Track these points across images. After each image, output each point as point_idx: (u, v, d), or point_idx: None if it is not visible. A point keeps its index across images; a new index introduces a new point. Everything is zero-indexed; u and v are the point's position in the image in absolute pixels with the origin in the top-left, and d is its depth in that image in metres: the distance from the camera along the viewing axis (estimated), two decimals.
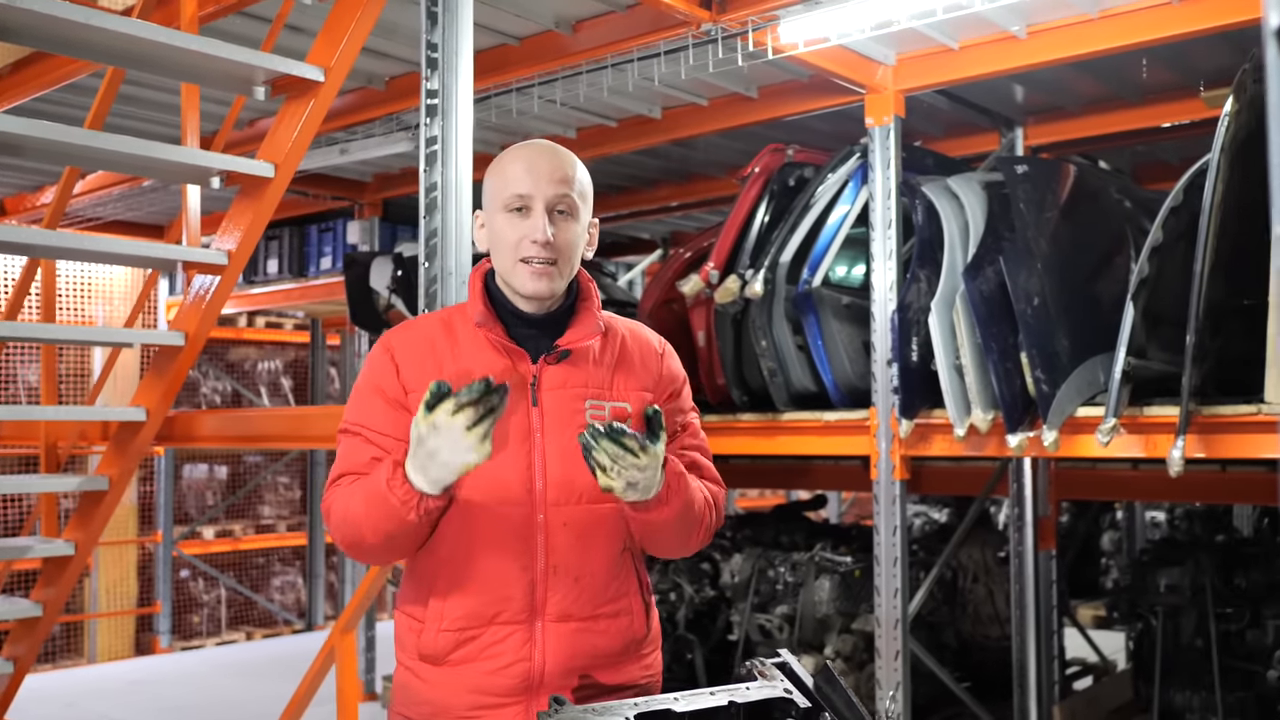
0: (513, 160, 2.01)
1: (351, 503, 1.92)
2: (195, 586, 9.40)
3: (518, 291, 2.00)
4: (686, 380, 2.18)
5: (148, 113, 5.17)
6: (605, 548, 2.02)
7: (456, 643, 1.97)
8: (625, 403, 2.03)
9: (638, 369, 2.07)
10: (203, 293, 3.43)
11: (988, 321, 4.04)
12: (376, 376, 2.01)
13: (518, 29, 4.29)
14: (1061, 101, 5.21)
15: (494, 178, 2.02)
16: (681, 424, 2.14)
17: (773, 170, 4.87)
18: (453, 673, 1.97)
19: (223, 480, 9.85)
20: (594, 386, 2.02)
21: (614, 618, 2.03)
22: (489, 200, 2.02)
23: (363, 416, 2.00)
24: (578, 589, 1.99)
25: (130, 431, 3.59)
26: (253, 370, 10.07)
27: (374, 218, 6.74)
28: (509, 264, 1.98)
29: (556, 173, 1.98)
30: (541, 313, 2.03)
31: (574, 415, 1.98)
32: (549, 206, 1.96)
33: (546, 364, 2.00)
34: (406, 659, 2.04)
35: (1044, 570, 5.35)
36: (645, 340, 2.14)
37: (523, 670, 1.96)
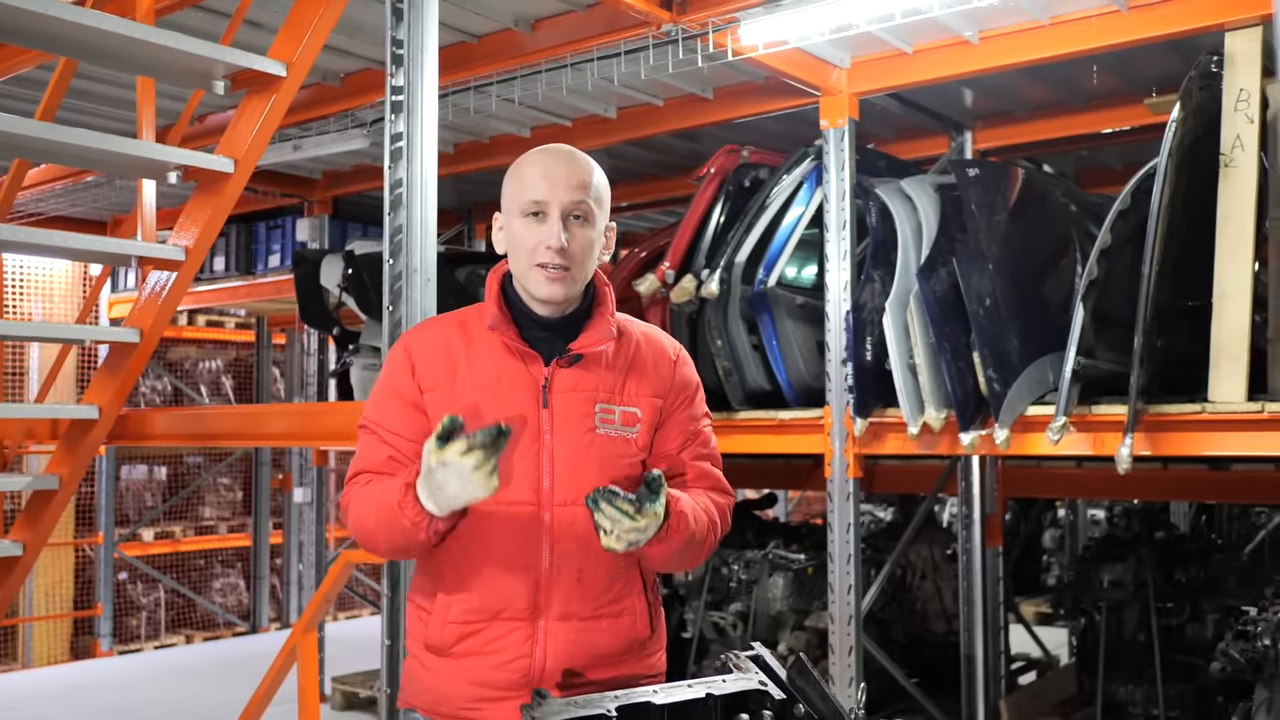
0: (530, 166, 2.03)
1: (365, 509, 1.99)
2: (134, 589, 9.24)
3: (533, 295, 2.03)
4: (700, 387, 2.20)
5: (98, 107, 5.08)
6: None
7: (460, 635, 2.02)
8: (636, 407, 2.06)
9: (650, 374, 2.09)
10: (159, 289, 3.38)
11: (941, 321, 4.11)
12: (394, 376, 2.06)
13: (477, 26, 4.28)
14: (1010, 106, 5.31)
15: (512, 182, 2.04)
16: (693, 432, 2.15)
17: (728, 171, 4.90)
18: (456, 664, 2.02)
19: (162, 481, 9.68)
20: (605, 391, 2.05)
21: (616, 617, 2.06)
22: (507, 204, 2.04)
23: (379, 415, 2.05)
24: (581, 588, 2.02)
25: (82, 430, 3.52)
26: (193, 369, 9.91)
27: (324, 215, 6.67)
28: (525, 268, 2.01)
29: (573, 179, 2.00)
30: (556, 316, 2.05)
31: (584, 419, 2.02)
32: (565, 213, 1.98)
33: (559, 367, 2.03)
34: (414, 648, 2.10)
35: (991, 567, 5.45)
36: (659, 346, 2.15)
37: (524, 666, 2.00)
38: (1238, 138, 3.80)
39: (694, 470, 2.15)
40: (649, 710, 1.82)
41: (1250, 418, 3.60)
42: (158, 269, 3.38)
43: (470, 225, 7.35)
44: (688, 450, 2.14)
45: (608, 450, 2.03)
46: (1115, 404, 3.83)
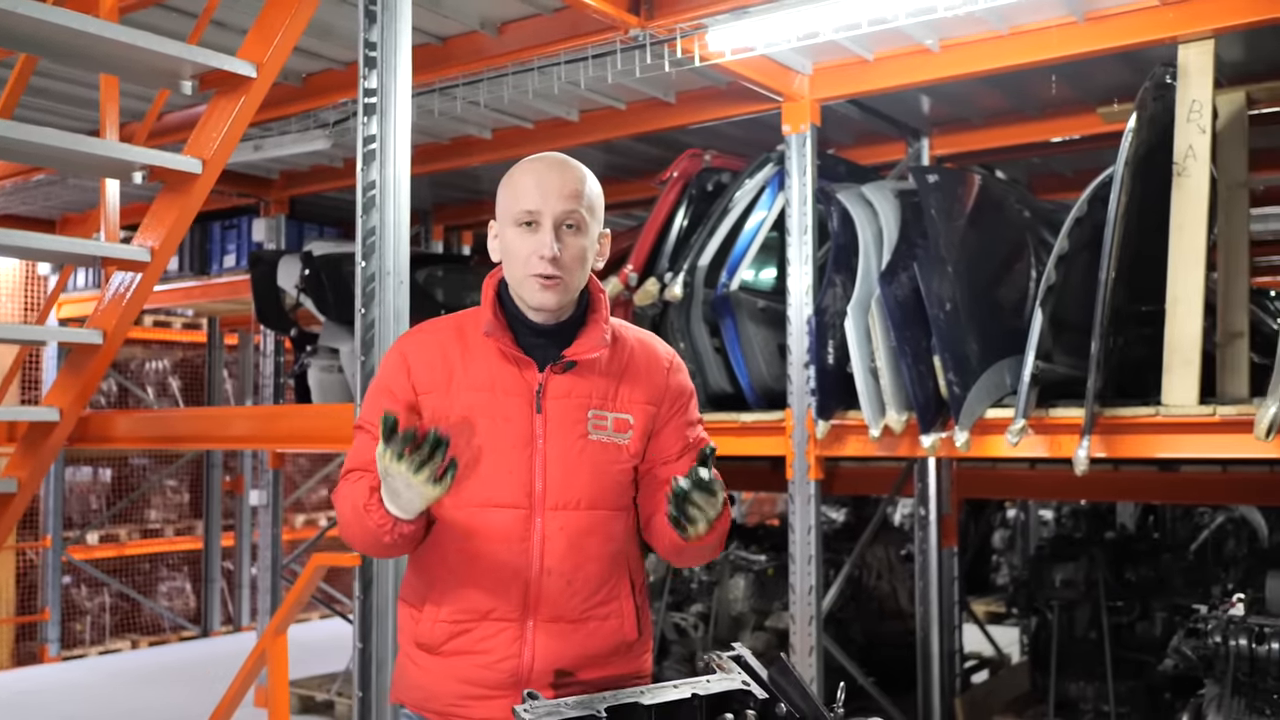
0: (523, 175, 2.05)
1: (344, 507, 2.03)
2: (78, 593, 9.08)
3: (527, 303, 2.05)
4: (694, 394, 2.23)
5: (57, 105, 4.99)
6: (599, 552, 2.08)
7: (450, 634, 2.05)
8: (628, 414, 2.10)
9: (643, 381, 2.12)
10: (123, 290, 3.35)
11: (902, 325, 4.18)
12: (389, 377, 2.09)
13: (442, 28, 4.28)
14: (966, 114, 5.40)
15: (505, 191, 2.07)
16: (693, 436, 2.18)
17: (691, 175, 4.94)
18: (445, 662, 2.06)
19: (107, 483, 9.53)
20: (598, 397, 2.08)
21: (604, 619, 2.09)
22: (501, 213, 2.07)
23: (372, 415, 2.05)
24: (570, 591, 2.05)
25: (42, 432, 3.48)
26: (139, 370, 9.76)
27: (280, 215, 6.61)
28: (519, 277, 2.03)
29: (566, 188, 2.02)
30: (551, 323, 2.08)
31: (576, 425, 2.05)
32: (557, 222, 2.00)
33: (553, 373, 2.06)
34: (405, 645, 2.13)
35: (946, 567, 5.53)
36: (653, 352, 2.18)
37: (512, 666, 2.04)
38: (1190, 148, 3.90)
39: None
40: (637, 711, 1.85)
41: (1202, 421, 3.70)
42: (122, 270, 3.34)
43: (428, 227, 7.32)
44: (686, 458, 2.17)
45: (600, 456, 2.07)
46: (1072, 407, 3.91)
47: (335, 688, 6.25)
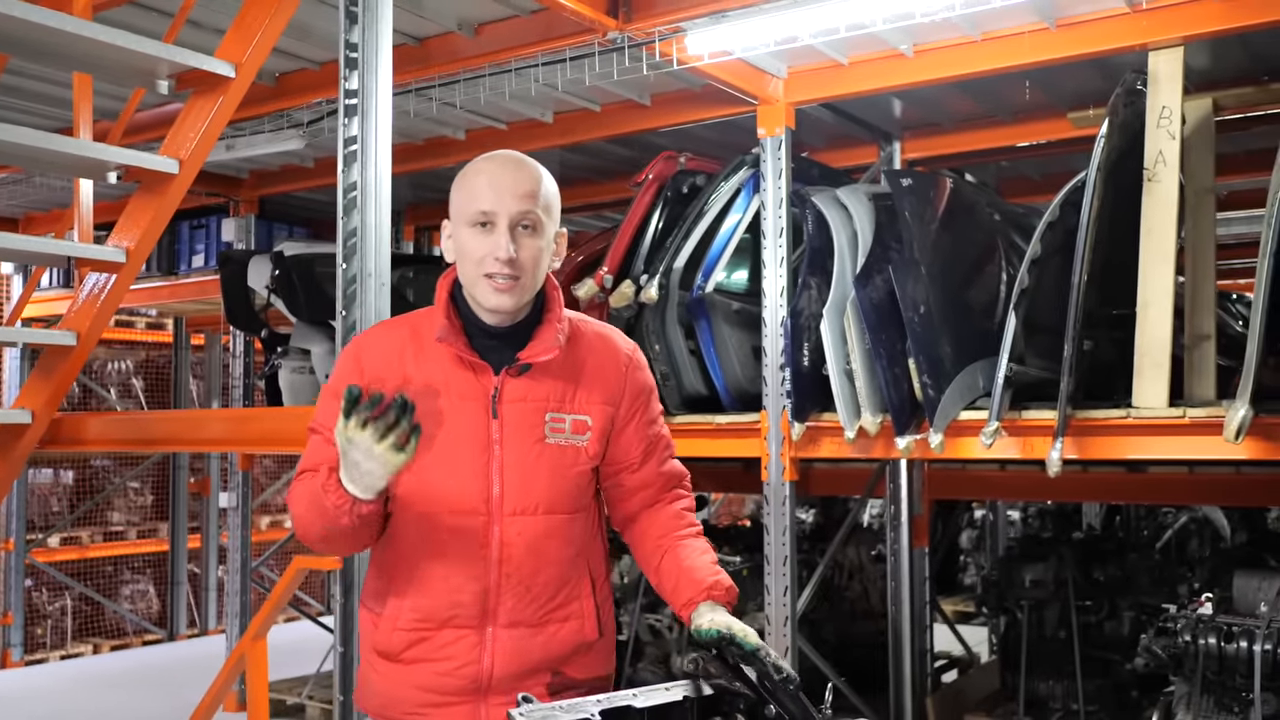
0: (477, 174, 2.01)
1: (301, 500, 1.98)
2: (39, 597, 8.96)
3: (481, 305, 2.02)
4: (654, 389, 2.22)
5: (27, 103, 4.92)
6: (558, 555, 2.07)
7: (409, 642, 2.03)
8: (586, 415, 2.07)
9: (600, 381, 2.10)
10: (97, 291, 3.32)
11: (877, 328, 4.20)
12: (343, 379, 2.02)
13: (419, 29, 4.26)
14: (937, 117, 5.44)
15: (459, 191, 2.02)
16: (653, 436, 2.18)
17: (666, 177, 4.95)
18: (405, 670, 2.04)
19: (69, 485, 9.41)
20: (555, 400, 2.05)
21: (564, 622, 2.08)
22: (455, 213, 2.02)
23: (326, 417, 2.01)
24: (529, 596, 2.04)
25: (14, 435, 3.43)
26: (102, 370, 9.65)
27: (250, 215, 6.55)
28: (473, 278, 1.99)
29: (520, 188, 1.98)
30: (506, 325, 2.04)
31: (533, 429, 2.03)
32: (512, 223, 1.97)
33: (508, 376, 2.02)
34: (365, 652, 2.11)
35: (918, 567, 5.57)
36: (613, 349, 2.15)
37: (472, 673, 2.02)
38: (1160, 153, 3.96)
39: (662, 477, 2.20)
40: (630, 714, 1.86)
41: (1172, 423, 3.75)
42: (97, 271, 3.31)
43: (400, 227, 7.29)
44: (654, 457, 2.17)
45: (558, 460, 2.05)
46: (1045, 409, 3.96)
47: (307, 691, 6.21)
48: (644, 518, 2.21)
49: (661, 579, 2.14)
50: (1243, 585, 3.84)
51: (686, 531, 2.17)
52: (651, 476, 2.18)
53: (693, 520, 2.21)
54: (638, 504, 2.20)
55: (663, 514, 2.19)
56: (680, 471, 2.25)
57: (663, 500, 2.21)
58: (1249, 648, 3.54)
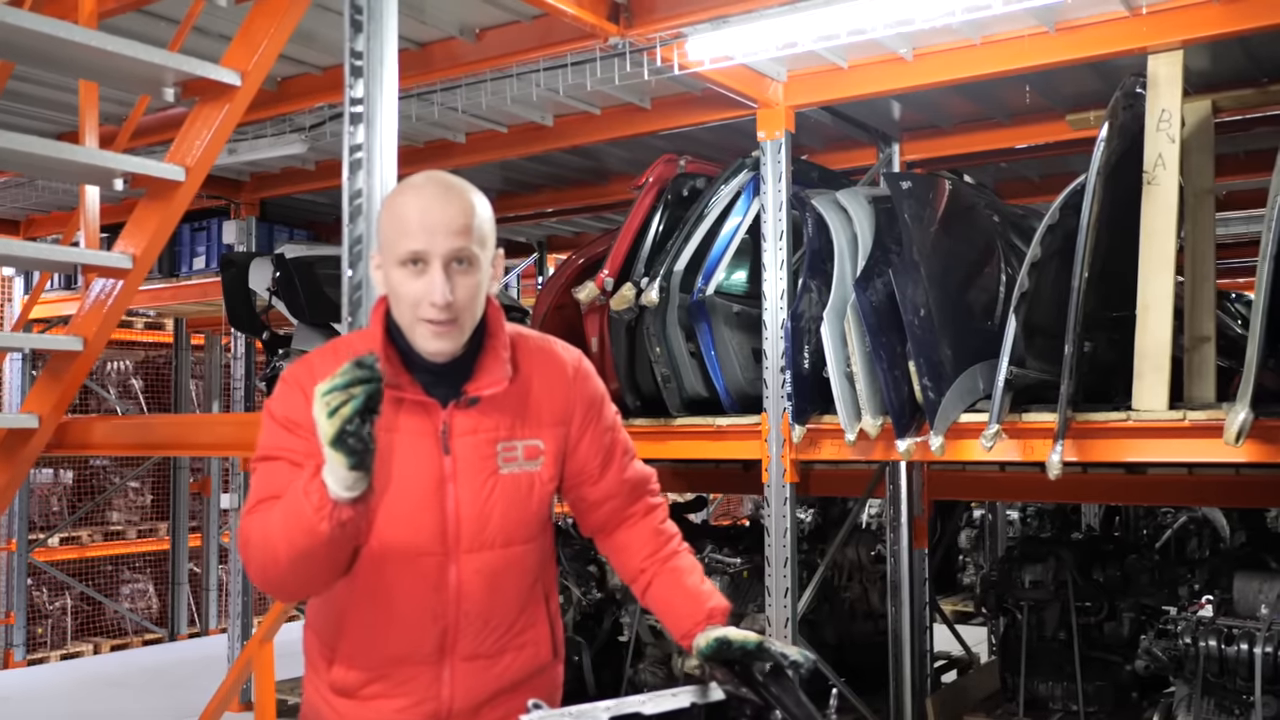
0: (406, 208, 1.88)
1: (270, 519, 1.82)
2: (40, 596, 8.99)
3: (420, 349, 1.92)
4: (605, 396, 2.15)
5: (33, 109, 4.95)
6: (516, 588, 2.04)
7: (366, 680, 1.99)
8: (538, 439, 2.01)
9: (548, 401, 2.04)
10: (104, 297, 3.32)
11: (877, 331, 4.22)
12: (287, 408, 1.91)
13: (420, 34, 4.28)
14: (936, 120, 5.46)
15: (388, 225, 1.90)
16: (609, 443, 2.13)
17: (667, 180, 4.97)
18: (362, 706, 1.99)
19: (69, 485, 9.43)
20: (505, 429, 1.98)
21: (520, 649, 2.06)
22: (384, 247, 1.90)
23: (281, 441, 1.90)
24: (487, 629, 2.01)
25: (20, 439, 3.44)
26: (101, 370, 9.66)
27: (251, 217, 6.57)
28: (409, 321, 1.89)
29: (453, 223, 1.85)
30: (447, 360, 1.94)
31: (486, 460, 1.96)
32: (446, 261, 1.85)
33: (456, 410, 1.95)
34: (319, 683, 2.05)
35: (918, 568, 5.60)
36: (558, 365, 2.08)
37: (430, 709, 1.99)
38: (1160, 156, 3.98)
39: (626, 484, 2.17)
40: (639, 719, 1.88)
41: (1172, 425, 3.77)
42: (103, 276, 3.32)
43: None
44: (614, 465, 2.14)
45: (513, 490, 1.99)
46: (1045, 412, 3.98)
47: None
48: (620, 534, 2.18)
49: (654, 605, 2.14)
50: (1243, 587, 3.87)
51: (669, 550, 2.15)
52: (615, 485, 2.14)
53: (672, 533, 2.19)
54: (606, 513, 2.17)
55: (641, 532, 2.17)
56: (645, 475, 2.21)
57: (635, 511, 2.18)
58: (1249, 650, 3.56)
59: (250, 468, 1.96)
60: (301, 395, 1.88)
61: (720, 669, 2.05)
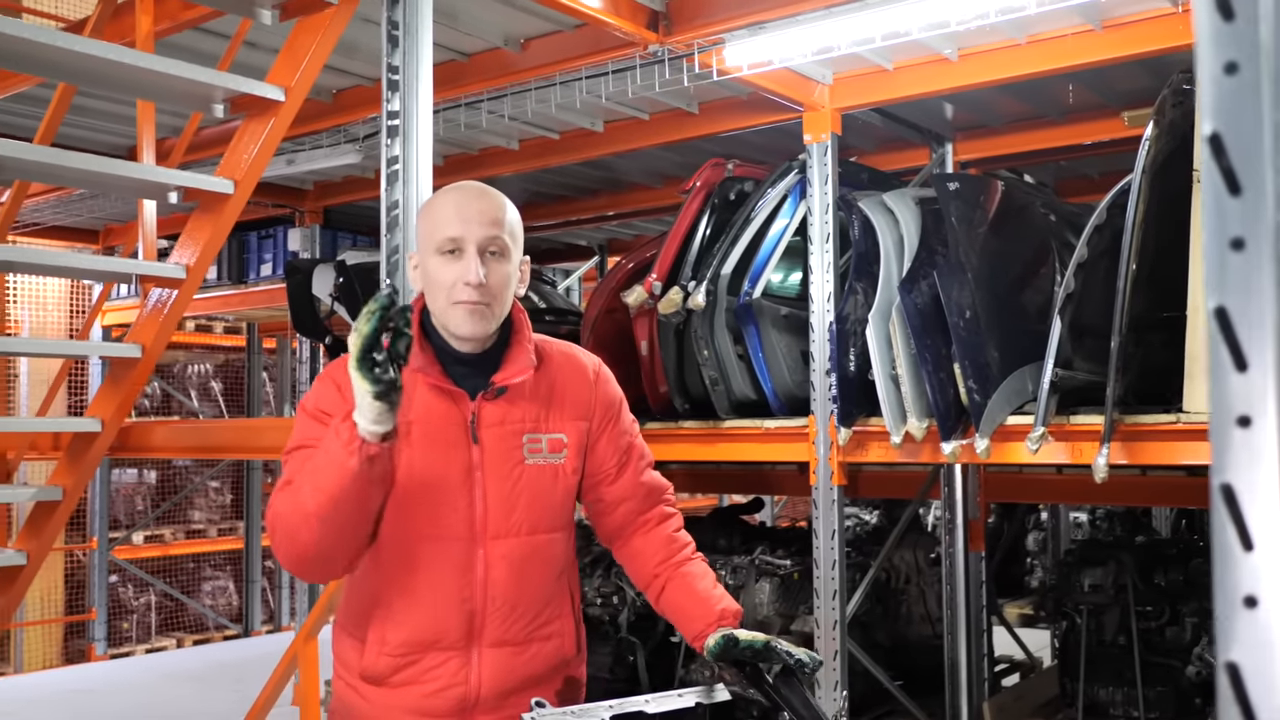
0: (444, 204, 2.05)
1: (300, 480, 1.91)
2: (125, 593, 9.30)
3: (453, 333, 2.04)
4: (623, 400, 2.26)
5: (98, 122, 5.16)
6: (542, 576, 2.11)
7: (396, 667, 2.06)
8: (561, 433, 2.12)
9: (571, 398, 2.15)
10: (160, 305, 3.46)
11: (922, 333, 4.21)
12: (320, 400, 2.05)
13: (467, 46, 4.37)
14: (989, 119, 5.42)
15: (426, 221, 2.06)
16: (626, 446, 2.23)
17: (714, 184, 4.99)
18: (392, 694, 2.06)
19: (152, 485, 9.75)
20: (530, 421, 2.09)
21: (546, 640, 2.13)
22: (422, 243, 2.06)
23: (313, 431, 2.00)
24: (514, 616, 2.08)
25: (85, 442, 3.60)
26: (182, 373, 9.97)
27: (315, 225, 6.76)
28: (443, 305, 2.02)
29: (486, 215, 2.02)
30: (477, 351, 2.07)
31: (513, 451, 2.06)
32: (481, 248, 2.00)
33: (485, 401, 2.05)
34: (348, 676, 2.13)
35: (974, 571, 5.56)
36: (579, 366, 2.19)
37: (459, 694, 2.06)
38: None
39: (642, 488, 2.24)
40: (642, 719, 1.92)
41: None
42: (159, 286, 3.46)
43: None
44: (629, 468, 2.22)
45: (538, 480, 2.08)
46: (1092, 414, 3.93)
47: None
48: (635, 540, 2.25)
49: (666, 610, 2.20)
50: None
51: (682, 556, 2.21)
52: (630, 488, 2.22)
53: (686, 540, 2.25)
54: (622, 517, 2.24)
55: (655, 539, 2.23)
56: (661, 484, 2.29)
57: (650, 518, 2.25)
58: None
59: (282, 459, 2.07)
60: (335, 388, 2.02)
61: (729, 669, 2.09)
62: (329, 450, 1.84)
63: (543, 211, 7.17)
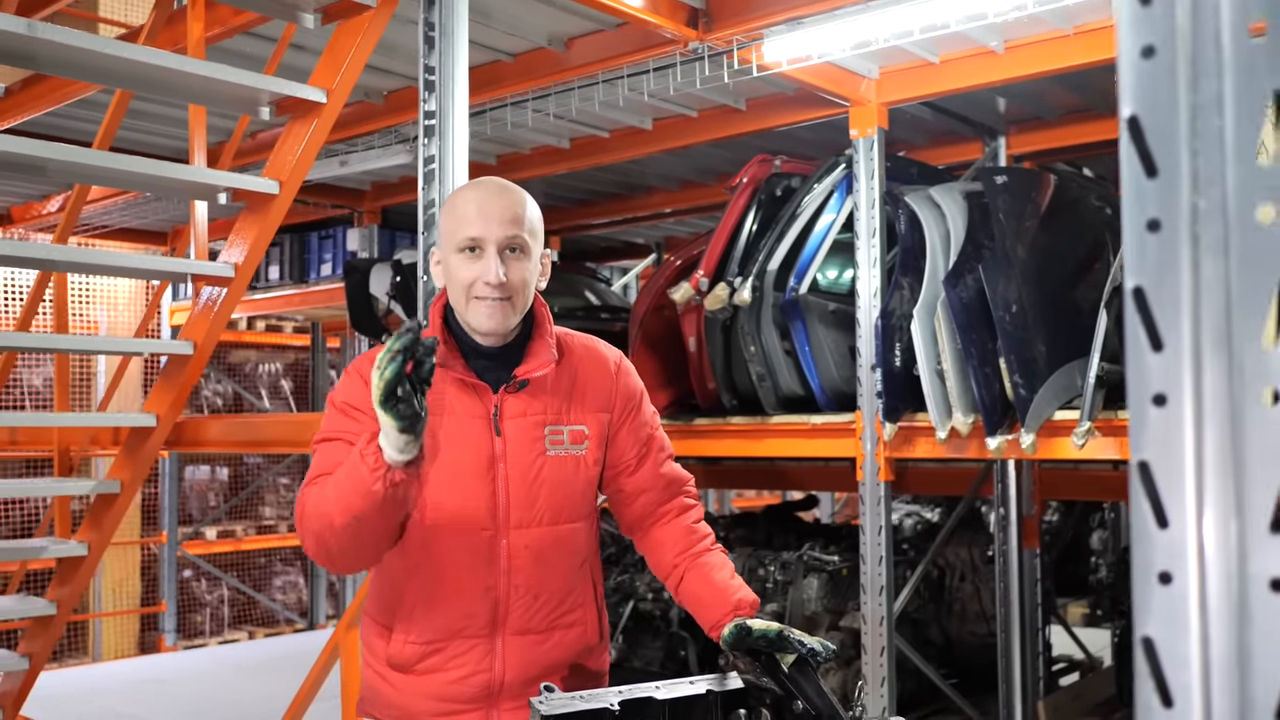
0: (465, 202, 2.08)
1: (326, 487, 1.95)
2: (198, 586, 9.54)
3: (475, 329, 2.09)
4: (644, 393, 2.29)
5: (155, 126, 5.32)
6: (564, 565, 2.15)
7: (422, 654, 2.11)
8: (583, 425, 2.16)
9: (592, 391, 2.18)
10: (211, 303, 3.57)
11: (967, 328, 4.18)
12: (347, 394, 2.10)
13: (511, 46, 4.44)
14: (1042, 112, 5.35)
15: (447, 218, 2.10)
16: (647, 438, 2.26)
17: (760, 180, 5.00)
18: (418, 681, 2.11)
19: (224, 482, 9.99)
20: (552, 413, 2.13)
21: (569, 628, 2.17)
22: (444, 240, 2.10)
23: (341, 425, 2.07)
24: (537, 604, 2.12)
25: (141, 437, 3.72)
26: (254, 373, 10.20)
27: (373, 225, 6.88)
28: (464, 302, 2.06)
29: (507, 213, 2.05)
30: (499, 345, 2.11)
31: (535, 442, 2.10)
32: (501, 247, 2.04)
33: (507, 393, 2.10)
34: (375, 663, 2.18)
35: (1028, 568, 5.50)
36: (600, 359, 2.23)
37: (484, 680, 2.11)
38: (1261, 144, 3.83)
39: (662, 480, 2.27)
40: (651, 705, 1.95)
41: None
42: (209, 285, 3.57)
43: None
44: (649, 459, 2.25)
45: (559, 471, 2.12)
46: None
47: None
48: (655, 531, 2.28)
49: (685, 600, 2.22)
50: None
51: (701, 547, 2.23)
52: (650, 479, 2.24)
53: (706, 532, 2.27)
54: (642, 507, 2.27)
55: (674, 529, 2.26)
56: (681, 476, 2.31)
57: (670, 509, 2.28)
58: None
59: (310, 450, 2.12)
60: (361, 382, 2.05)
61: (744, 658, 2.11)
62: (355, 473, 1.86)
63: (599, 210, 7.23)
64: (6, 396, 8.12)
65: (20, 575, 5.10)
